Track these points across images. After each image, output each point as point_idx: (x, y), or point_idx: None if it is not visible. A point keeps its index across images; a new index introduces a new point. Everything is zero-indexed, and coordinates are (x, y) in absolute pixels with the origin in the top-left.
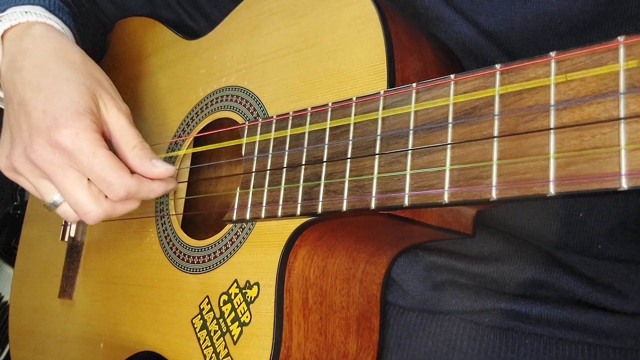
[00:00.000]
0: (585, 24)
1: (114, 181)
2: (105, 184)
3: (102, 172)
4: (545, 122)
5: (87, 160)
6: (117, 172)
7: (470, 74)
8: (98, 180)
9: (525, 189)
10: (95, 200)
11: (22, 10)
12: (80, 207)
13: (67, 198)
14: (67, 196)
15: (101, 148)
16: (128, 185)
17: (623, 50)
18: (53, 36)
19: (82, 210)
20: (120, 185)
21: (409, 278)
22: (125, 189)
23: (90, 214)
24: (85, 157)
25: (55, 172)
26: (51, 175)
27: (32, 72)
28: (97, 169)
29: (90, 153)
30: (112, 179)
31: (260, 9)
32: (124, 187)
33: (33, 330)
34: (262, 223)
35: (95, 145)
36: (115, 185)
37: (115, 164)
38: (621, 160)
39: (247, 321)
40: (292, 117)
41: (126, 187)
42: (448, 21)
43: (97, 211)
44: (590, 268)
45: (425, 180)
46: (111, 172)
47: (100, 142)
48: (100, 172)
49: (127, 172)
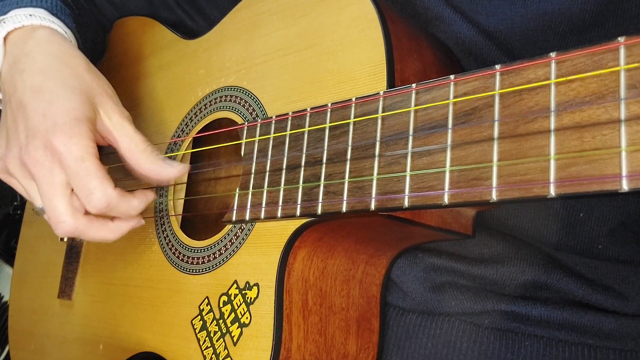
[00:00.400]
0: (585, 24)
1: (95, 189)
2: (87, 191)
3: (85, 178)
4: (546, 123)
5: (74, 164)
6: (100, 180)
7: (470, 75)
8: (80, 186)
9: (525, 190)
10: (72, 212)
11: (26, 13)
12: (55, 214)
13: (45, 202)
14: (45, 200)
15: (91, 155)
16: (109, 195)
17: (623, 51)
18: (57, 41)
19: (55, 218)
20: (101, 194)
21: (408, 279)
22: (106, 199)
23: (63, 224)
24: (73, 160)
25: (42, 174)
26: (37, 177)
27: (34, 76)
28: (81, 173)
29: (79, 157)
30: (93, 186)
31: (260, 9)
32: (105, 197)
33: (32, 331)
34: (262, 224)
35: (85, 152)
36: (96, 194)
37: (101, 173)
38: (622, 161)
39: (247, 322)
40: (291, 118)
41: (107, 197)
42: (448, 21)
43: (70, 223)
44: (590, 269)
45: (425, 182)
46: (94, 180)
47: (92, 150)
48: (84, 177)
49: (111, 183)
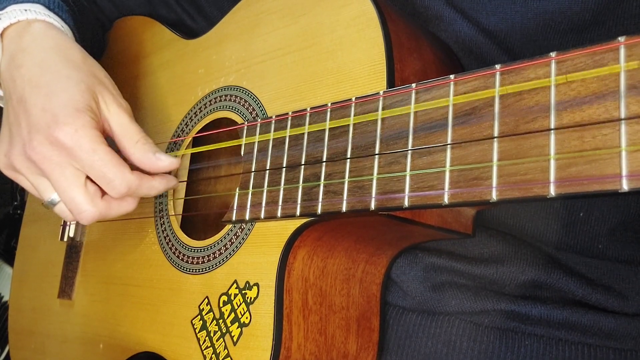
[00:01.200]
0: (586, 23)
1: (114, 177)
2: (106, 180)
3: (102, 168)
4: (546, 123)
5: (88, 156)
6: (117, 168)
7: (470, 74)
8: (98, 176)
9: (525, 190)
10: (91, 199)
11: (22, 8)
12: (75, 206)
13: (63, 196)
14: (62, 194)
15: (101, 145)
16: (129, 180)
17: (624, 51)
18: (53, 34)
19: (76, 209)
20: (120, 181)
21: (408, 279)
22: (126, 184)
23: (85, 213)
24: (86, 153)
25: (52, 169)
26: (48, 172)
27: (32, 70)
28: (97, 165)
29: (90, 149)
30: (112, 174)
31: (259, 9)
32: (125, 182)
33: (32, 331)
34: (262, 223)
35: (95, 142)
36: (116, 181)
37: (116, 160)
38: (622, 161)
39: (247, 322)
40: (291, 118)
41: (127, 182)
42: (448, 20)
43: (92, 211)
44: (590, 269)
45: (425, 181)
46: (112, 168)
47: (100, 138)
48: (101, 168)
49: (127, 168)
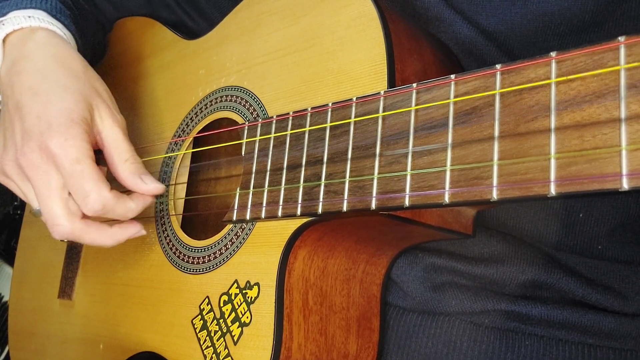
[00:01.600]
0: (585, 25)
1: (90, 191)
2: (82, 193)
3: (81, 179)
4: (546, 123)
5: (70, 165)
6: (95, 182)
7: (471, 74)
8: (75, 188)
9: (526, 190)
10: (69, 215)
11: (25, 15)
12: (52, 217)
13: (42, 204)
14: (42, 202)
15: (86, 157)
16: (105, 198)
17: (624, 51)
18: (55, 42)
19: (52, 221)
20: (96, 197)
21: (409, 279)
22: (101, 201)
23: (59, 227)
24: (69, 162)
25: (38, 177)
26: (33, 179)
27: (31, 77)
28: (77, 175)
29: (75, 159)
30: (89, 187)
31: (260, 9)
32: (100, 199)
33: (32, 331)
34: (262, 223)
35: (80, 153)
36: (92, 196)
37: (96, 176)
38: (622, 160)
39: (247, 322)
40: (292, 118)
41: (102, 199)
42: (448, 21)
43: (67, 227)
44: (590, 269)
45: (425, 181)
46: (90, 181)
47: (88, 152)
48: (79, 179)
49: (106, 185)
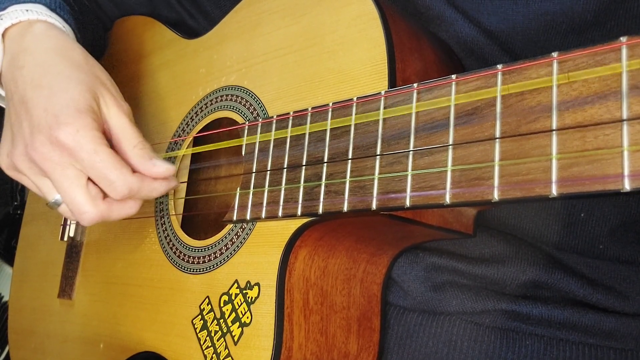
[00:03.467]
0: (587, 24)
1: (115, 179)
2: (107, 181)
3: (104, 170)
4: (548, 123)
5: (89, 157)
6: (119, 170)
7: (472, 74)
8: (99, 178)
9: (527, 190)
10: (92, 201)
11: (23, 9)
12: (76, 206)
13: (64, 197)
14: (64, 195)
15: (102, 146)
16: (130, 183)
17: (626, 51)
18: (54, 34)
19: (77, 210)
20: (122, 183)
21: (409, 279)
22: (127, 186)
23: (86, 214)
24: (87, 154)
25: (54, 169)
26: (50, 173)
27: (33, 70)
28: (98, 166)
29: (92, 150)
30: (114, 176)
31: (261, 8)
32: (126, 184)
33: (32, 330)
34: (263, 223)
35: (96, 143)
36: (117, 182)
37: (117, 162)
38: (624, 161)
39: (247, 322)
40: (292, 117)
41: (128, 184)
42: (449, 20)
43: (93, 212)
44: (591, 269)
45: (426, 181)
46: (113, 170)
47: (102, 139)
48: (102, 170)
49: (128, 170)
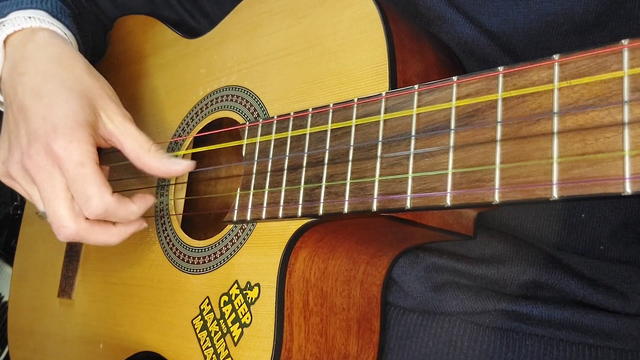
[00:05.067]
0: (588, 24)
1: (93, 195)
2: (84, 197)
3: (83, 183)
4: (549, 126)
5: (73, 169)
6: (98, 187)
7: (473, 76)
8: (78, 191)
9: (528, 193)
10: (75, 216)
11: (26, 15)
12: (57, 219)
13: (47, 207)
14: (47, 205)
15: (90, 160)
16: (107, 202)
17: (627, 54)
18: (57, 43)
19: (57, 223)
20: (99, 201)
21: (409, 279)
22: (104, 205)
23: (64, 229)
24: (72, 165)
25: (43, 178)
26: (38, 181)
27: (34, 79)
28: (79, 179)
29: (78, 163)
30: (91, 192)
31: (262, 9)
32: (103, 203)
33: (32, 330)
34: (263, 224)
35: (85, 157)
36: (94, 200)
37: (99, 179)
38: (625, 164)
39: (247, 322)
40: (293, 118)
41: (104, 203)
42: (450, 21)
43: (72, 228)
44: (591, 269)
45: (427, 183)
46: (93, 185)
47: (92, 155)
48: (82, 183)
49: (108, 189)
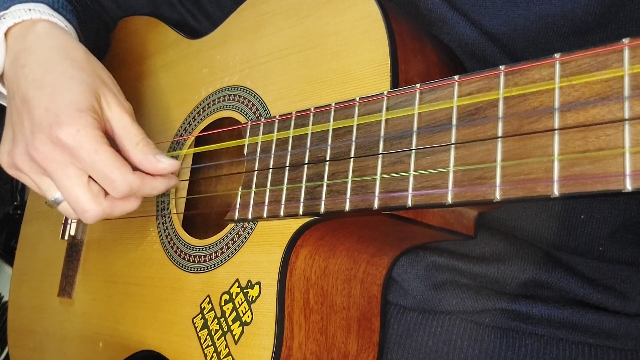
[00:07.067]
0: (588, 26)
1: (116, 177)
2: (108, 180)
3: (104, 169)
4: (550, 123)
5: (89, 157)
6: (119, 169)
7: (475, 75)
8: (100, 177)
9: (529, 190)
10: (94, 198)
11: (26, 8)
12: (79, 205)
13: (66, 196)
14: (66, 194)
15: (103, 145)
16: (130, 181)
17: (628, 52)
18: (57, 34)
19: (80, 209)
20: (122, 182)
21: (409, 278)
22: (128, 185)
23: (89, 212)
24: (87, 153)
25: (55, 169)
26: (51, 172)
27: (36, 70)
28: (99, 165)
29: (92, 150)
30: (114, 175)
31: (264, 9)
32: (127, 183)
33: (32, 329)
34: (264, 223)
35: (97, 142)
36: (118, 181)
37: (118, 161)
38: (626, 161)
39: (248, 321)
40: (294, 117)
41: (128, 183)
42: (451, 23)
43: (96, 210)
44: (591, 269)
45: (428, 181)
46: (114, 169)
47: (102, 139)
48: (103, 169)
49: (129, 168)
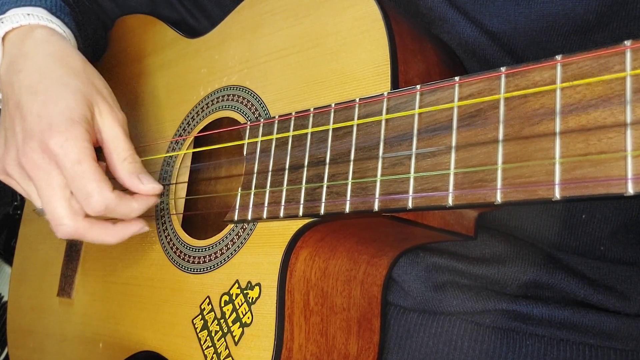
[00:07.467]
0: (589, 25)
1: (92, 192)
2: (84, 194)
3: (82, 180)
4: (551, 126)
5: (71, 166)
6: (97, 183)
7: (475, 77)
8: (78, 188)
9: (530, 193)
10: (72, 215)
11: (24, 12)
12: (54, 216)
13: (45, 204)
14: (45, 203)
15: (88, 157)
16: (107, 198)
17: (630, 55)
18: (54, 40)
19: (55, 220)
20: (98, 197)
21: (410, 279)
22: (104, 202)
23: (63, 227)
24: (70, 163)
25: (40, 176)
26: (35, 179)
27: (31, 76)
28: (78, 176)
29: (76, 160)
30: (91, 189)
31: (263, 9)
32: (103, 200)
33: (31, 330)
34: (264, 224)
35: (82, 154)
36: (94, 197)
37: (98, 176)
38: (627, 165)
39: (248, 322)
40: (294, 118)
41: (105, 200)
42: (451, 22)
43: (70, 225)
44: (592, 270)
45: (429, 183)
46: (92, 182)
47: (89, 151)
48: (81, 180)
49: (109, 186)
